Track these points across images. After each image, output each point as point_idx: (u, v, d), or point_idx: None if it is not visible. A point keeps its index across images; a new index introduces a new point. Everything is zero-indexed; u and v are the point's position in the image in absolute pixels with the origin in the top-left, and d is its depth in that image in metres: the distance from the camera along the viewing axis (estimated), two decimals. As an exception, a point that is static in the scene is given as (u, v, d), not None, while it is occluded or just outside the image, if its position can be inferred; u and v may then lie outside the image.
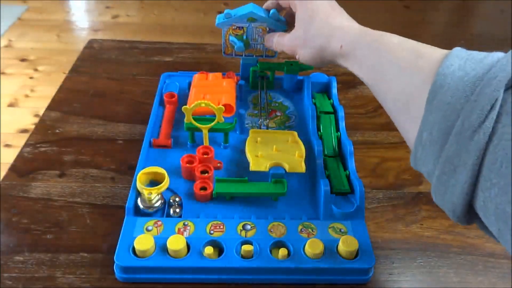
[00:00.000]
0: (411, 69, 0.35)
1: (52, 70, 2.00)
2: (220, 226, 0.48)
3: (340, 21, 0.48)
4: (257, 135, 0.57)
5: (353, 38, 0.44)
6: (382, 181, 0.58)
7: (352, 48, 0.44)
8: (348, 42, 0.44)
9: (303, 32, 0.50)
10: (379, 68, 0.39)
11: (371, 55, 0.41)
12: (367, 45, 0.42)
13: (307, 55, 0.50)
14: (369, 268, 0.46)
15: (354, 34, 0.44)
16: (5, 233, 0.49)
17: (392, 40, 0.40)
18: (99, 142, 0.61)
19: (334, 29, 0.47)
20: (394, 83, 0.37)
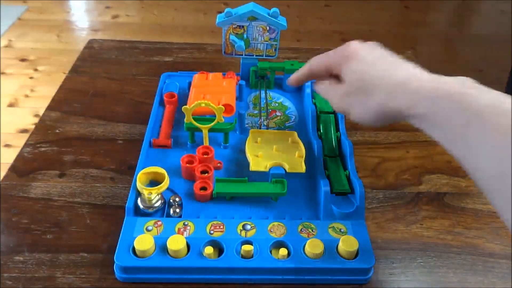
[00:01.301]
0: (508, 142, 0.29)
1: (52, 70, 2.00)
2: (220, 226, 0.48)
3: (402, 72, 0.39)
4: (257, 135, 0.57)
5: (425, 97, 0.36)
6: (382, 181, 0.58)
7: (426, 111, 0.36)
8: (419, 103, 0.36)
9: (355, 91, 0.42)
10: (469, 139, 0.32)
11: (456, 122, 0.33)
12: (448, 109, 0.34)
13: (364, 116, 0.42)
14: (369, 268, 0.46)
15: (425, 91, 0.36)
16: (5, 233, 0.49)
17: (480, 100, 0.32)
18: (99, 142, 0.61)
19: (398, 84, 0.38)
20: (490, 160, 0.31)
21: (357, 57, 0.42)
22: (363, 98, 0.41)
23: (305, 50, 0.85)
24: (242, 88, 0.67)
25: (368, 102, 0.41)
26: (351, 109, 0.43)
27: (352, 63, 0.42)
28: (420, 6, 2.75)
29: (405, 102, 0.37)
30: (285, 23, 0.63)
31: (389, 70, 0.40)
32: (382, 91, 0.39)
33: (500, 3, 2.82)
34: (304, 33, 2.38)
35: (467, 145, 0.33)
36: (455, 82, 0.35)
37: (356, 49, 0.43)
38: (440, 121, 0.35)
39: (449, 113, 0.34)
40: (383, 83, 0.39)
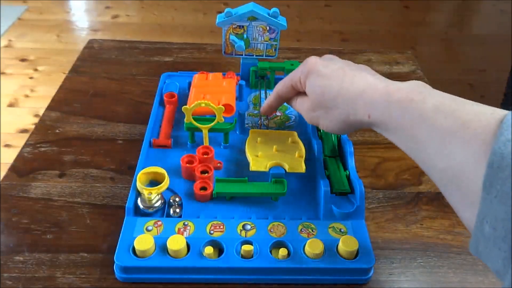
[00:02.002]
0: (457, 142, 0.31)
1: (52, 70, 2.00)
2: (220, 226, 0.48)
3: (358, 84, 0.41)
4: (257, 135, 0.57)
5: (379, 105, 0.38)
6: (382, 181, 0.58)
7: (382, 118, 0.38)
8: (375, 111, 0.39)
9: (319, 105, 0.44)
10: (418, 140, 0.35)
11: (406, 125, 0.36)
12: (399, 114, 0.36)
13: (330, 127, 0.45)
14: (369, 268, 0.46)
15: (379, 100, 0.38)
16: (5, 233, 0.49)
17: (426, 105, 0.34)
18: (99, 142, 0.61)
19: (355, 96, 0.40)
20: (437, 157, 0.33)
21: (315, 72, 0.44)
22: (326, 111, 0.44)
23: (305, 50, 0.86)
24: (242, 88, 0.67)
25: (332, 114, 0.43)
26: (319, 122, 0.46)
27: (311, 79, 0.44)
28: (420, 6, 2.75)
29: (363, 112, 0.40)
30: (285, 23, 0.63)
31: (346, 82, 0.41)
32: (341, 104, 0.42)
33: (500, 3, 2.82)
34: (304, 33, 2.38)
35: (416, 145, 0.35)
36: (405, 89, 0.37)
37: (313, 64, 0.44)
38: (393, 126, 0.37)
39: (399, 118, 0.36)
40: (341, 96, 0.41)
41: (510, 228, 0.26)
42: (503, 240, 0.27)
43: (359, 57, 0.84)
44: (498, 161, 0.27)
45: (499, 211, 0.27)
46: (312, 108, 0.46)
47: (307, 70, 0.45)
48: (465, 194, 0.30)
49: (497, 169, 0.27)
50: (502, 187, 0.27)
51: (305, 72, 0.45)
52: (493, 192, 0.27)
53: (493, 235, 0.28)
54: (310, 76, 0.45)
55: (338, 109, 0.42)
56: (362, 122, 0.41)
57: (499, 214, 0.27)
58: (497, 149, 0.27)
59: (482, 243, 0.29)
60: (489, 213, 0.28)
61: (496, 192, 0.27)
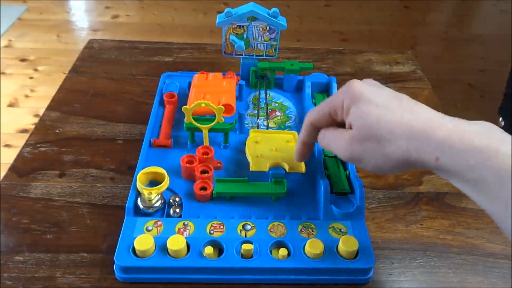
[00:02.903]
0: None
1: (52, 70, 2.00)
2: (220, 226, 0.48)
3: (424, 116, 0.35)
4: (257, 135, 0.57)
5: (454, 149, 0.32)
6: (382, 181, 0.58)
7: (456, 166, 0.32)
8: (447, 155, 0.33)
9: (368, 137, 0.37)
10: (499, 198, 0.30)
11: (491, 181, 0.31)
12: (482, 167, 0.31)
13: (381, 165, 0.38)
14: (369, 268, 0.46)
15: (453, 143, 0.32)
16: (5, 233, 0.49)
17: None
18: (99, 142, 0.61)
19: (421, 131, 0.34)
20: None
21: (364, 98, 0.38)
22: (378, 146, 0.37)
23: (305, 50, 0.85)
24: (242, 88, 0.67)
25: (386, 150, 0.36)
26: (364, 158, 0.38)
27: (360, 106, 0.38)
28: (420, 6, 2.75)
29: (429, 152, 0.34)
30: (285, 23, 0.63)
31: (407, 113, 0.36)
32: (402, 139, 0.35)
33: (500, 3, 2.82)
34: (304, 33, 2.38)
35: (499, 206, 0.31)
36: (481, 133, 0.32)
37: (361, 89, 0.38)
38: (472, 179, 0.32)
39: (482, 172, 0.31)
40: (403, 129, 0.35)
41: None
42: None
43: (359, 57, 0.84)
44: None
45: None
46: (357, 140, 0.38)
47: (352, 95, 0.38)
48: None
49: None
50: None
51: (350, 98, 0.38)
52: None
53: None
54: (358, 103, 0.38)
55: (395, 144, 0.35)
56: (424, 163, 0.34)
57: None
58: None
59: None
60: None
61: None
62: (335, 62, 0.82)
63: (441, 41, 2.47)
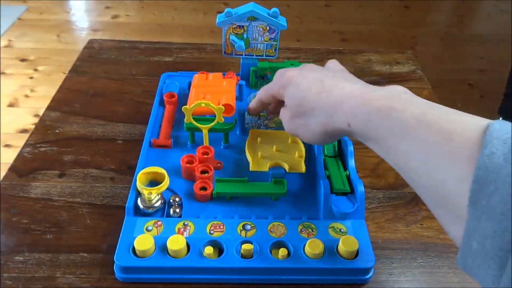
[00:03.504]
0: (441, 157, 0.29)
1: (52, 70, 2.00)
2: (220, 226, 0.48)
3: (336, 92, 0.40)
4: (257, 135, 0.57)
5: (359, 113, 0.37)
6: (382, 181, 0.58)
7: (362, 127, 0.37)
8: (355, 119, 0.37)
9: (297, 115, 0.44)
10: (400, 152, 0.33)
11: (386, 136, 0.34)
12: (379, 124, 0.35)
13: (310, 137, 0.44)
14: (369, 268, 0.46)
15: (358, 108, 0.37)
16: (5, 233, 0.49)
17: (407, 114, 0.33)
18: (99, 142, 0.61)
19: (334, 105, 0.39)
20: (421, 171, 0.31)
21: (292, 82, 0.44)
22: (305, 121, 0.43)
23: (305, 50, 0.85)
24: (242, 88, 0.67)
25: (310, 124, 0.42)
26: (298, 132, 0.45)
27: (289, 90, 0.44)
28: (420, 6, 2.75)
29: (342, 120, 0.38)
30: (285, 23, 0.63)
31: (324, 92, 0.41)
32: (320, 113, 0.41)
33: (500, 3, 2.82)
34: (304, 33, 2.38)
35: (397, 158, 0.34)
36: (385, 96, 0.36)
37: (291, 76, 0.44)
38: (373, 136, 0.36)
39: (380, 128, 0.35)
40: (319, 106, 0.41)
41: (498, 246, 0.25)
42: (492, 259, 0.26)
43: (359, 57, 0.84)
44: (483, 175, 0.26)
45: (487, 228, 0.26)
46: (291, 118, 0.45)
47: (285, 82, 0.45)
48: (451, 210, 0.29)
49: (482, 184, 0.26)
50: (489, 202, 0.26)
51: (283, 84, 0.45)
52: (479, 208, 0.26)
53: (482, 252, 0.27)
54: (287, 88, 0.44)
55: (315, 119, 0.41)
56: (342, 130, 0.39)
57: (487, 231, 0.26)
58: (482, 163, 0.26)
59: (470, 259, 0.28)
60: (476, 229, 0.27)
61: (483, 208, 0.26)
62: (335, 62, 0.82)
63: (441, 41, 2.47)
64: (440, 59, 2.30)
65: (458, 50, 2.40)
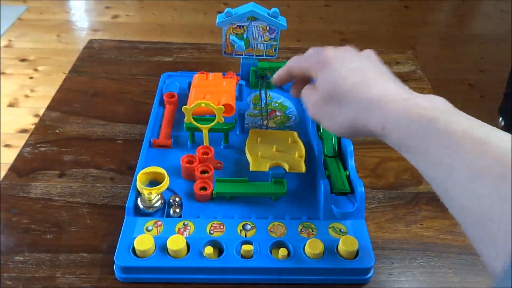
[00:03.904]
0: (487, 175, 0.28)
1: (52, 70, 2.00)
2: (220, 226, 0.48)
3: (377, 88, 0.37)
4: (257, 135, 0.57)
5: (399, 119, 0.34)
6: (382, 181, 0.58)
7: (399, 134, 0.34)
8: (392, 124, 0.35)
9: (328, 100, 0.40)
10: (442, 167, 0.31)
11: (428, 148, 0.32)
12: (421, 134, 0.32)
13: (334, 127, 0.41)
14: (369, 268, 0.46)
15: (399, 113, 0.34)
16: (5, 233, 0.49)
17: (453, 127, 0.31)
18: (99, 142, 0.61)
19: (371, 101, 0.36)
20: (464, 188, 0.29)
21: (330, 66, 0.40)
22: (334, 110, 0.40)
23: (305, 50, 0.85)
24: (242, 88, 0.67)
25: (339, 115, 0.40)
26: (322, 119, 0.42)
27: (325, 72, 0.41)
28: (420, 6, 2.75)
29: (375, 121, 0.36)
30: (285, 23, 0.63)
31: (362, 84, 0.38)
32: (353, 106, 0.38)
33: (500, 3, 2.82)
34: (304, 33, 2.38)
35: (439, 171, 0.32)
36: (428, 104, 0.34)
37: (330, 58, 0.41)
38: (412, 145, 0.34)
39: (421, 138, 0.33)
40: (354, 98, 0.38)
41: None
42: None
43: (359, 57, 0.84)
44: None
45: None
46: (319, 103, 0.41)
47: (322, 61, 0.41)
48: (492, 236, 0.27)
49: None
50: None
51: (319, 63, 0.41)
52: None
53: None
54: (324, 70, 0.40)
55: (348, 108, 0.38)
56: (372, 131, 0.37)
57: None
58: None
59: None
60: None
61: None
62: (335, 62, 0.82)
63: (441, 41, 2.47)
64: (440, 59, 2.30)
65: (458, 50, 2.40)
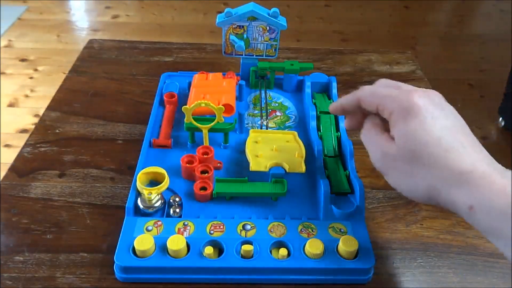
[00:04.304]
0: None
1: (52, 70, 2.00)
2: (220, 226, 0.48)
3: (469, 161, 0.32)
4: (257, 135, 0.57)
5: (492, 202, 0.30)
6: (382, 181, 0.58)
7: (490, 218, 0.30)
8: (484, 207, 0.30)
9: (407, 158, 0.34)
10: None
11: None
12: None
13: (405, 189, 0.36)
14: (369, 268, 0.45)
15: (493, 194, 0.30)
16: (5, 233, 0.49)
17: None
18: (99, 142, 0.61)
19: (459, 175, 0.32)
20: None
21: (418, 117, 0.34)
22: (412, 170, 0.34)
23: (305, 50, 0.85)
24: (242, 88, 0.67)
25: (416, 177, 0.34)
26: (392, 175, 0.37)
27: (411, 124, 0.34)
28: (420, 6, 2.75)
29: (462, 199, 0.32)
30: (285, 23, 0.63)
31: (453, 151, 0.32)
32: (437, 173, 0.33)
33: (500, 3, 2.82)
34: (304, 33, 2.38)
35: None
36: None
37: (419, 106, 0.34)
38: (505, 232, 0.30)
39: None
40: (441, 165, 0.33)
41: None
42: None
43: (359, 57, 0.84)
44: None
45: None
46: (393, 157, 0.36)
47: (408, 108, 0.34)
48: None
49: None
50: None
51: (405, 109, 0.35)
52: None
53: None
54: (409, 120, 0.34)
55: (430, 173, 0.33)
56: (456, 209, 0.32)
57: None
58: None
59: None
60: None
61: None
62: (335, 62, 0.82)
63: (441, 41, 2.47)
64: (440, 59, 2.30)
65: (458, 50, 2.40)
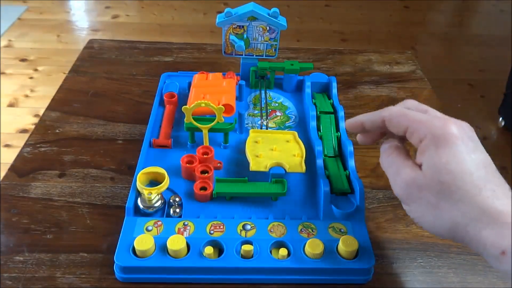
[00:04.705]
0: None
1: (52, 70, 2.00)
2: (220, 226, 0.48)
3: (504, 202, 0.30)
4: (257, 135, 0.57)
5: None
6: (382, 181, 0.58)
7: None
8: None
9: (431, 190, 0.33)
10: None
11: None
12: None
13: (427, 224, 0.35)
14: (369, 268, 0.45)
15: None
16: (5, 233, 0.49)
17: None
18: (99, 142, 0.61)
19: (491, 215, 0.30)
20: None
21: (453, 148, 0.32)
22: (437, 203, 0.32)
23: (305, 50, 0.85)
24: (242, 88, 0.67)
25: (442, 211, 0.32)
26: (414, 205, 0.35)
27: (443, 154, 0.32)
28: (420, 6, 2.75)
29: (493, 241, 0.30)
30: (285, 23, 0.63)
31: (486, 188, 0.31)
32: (467, 210, 0.31)
33: (500, 3, 2.82)
34: (304, 33, 2.38)
35: None
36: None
37: (454, 136, 0.32)
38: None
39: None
40: (468, 201, 0.31)
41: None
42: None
43: (359, 57, 0.84)
44: None
45: None
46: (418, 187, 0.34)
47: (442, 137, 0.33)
48: None
49: None
50: None
51: (438, 139, 0.33)
52: None
53: None
54: (441, 149, 0.32)
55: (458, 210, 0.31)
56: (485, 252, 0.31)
57: None
58: None
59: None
60: None
61: None
62: (335, 62, 0.82)
63: (441, 41, 2.47)
64: (440, 59, 2.30)
65: (458, 50, 2.40)
